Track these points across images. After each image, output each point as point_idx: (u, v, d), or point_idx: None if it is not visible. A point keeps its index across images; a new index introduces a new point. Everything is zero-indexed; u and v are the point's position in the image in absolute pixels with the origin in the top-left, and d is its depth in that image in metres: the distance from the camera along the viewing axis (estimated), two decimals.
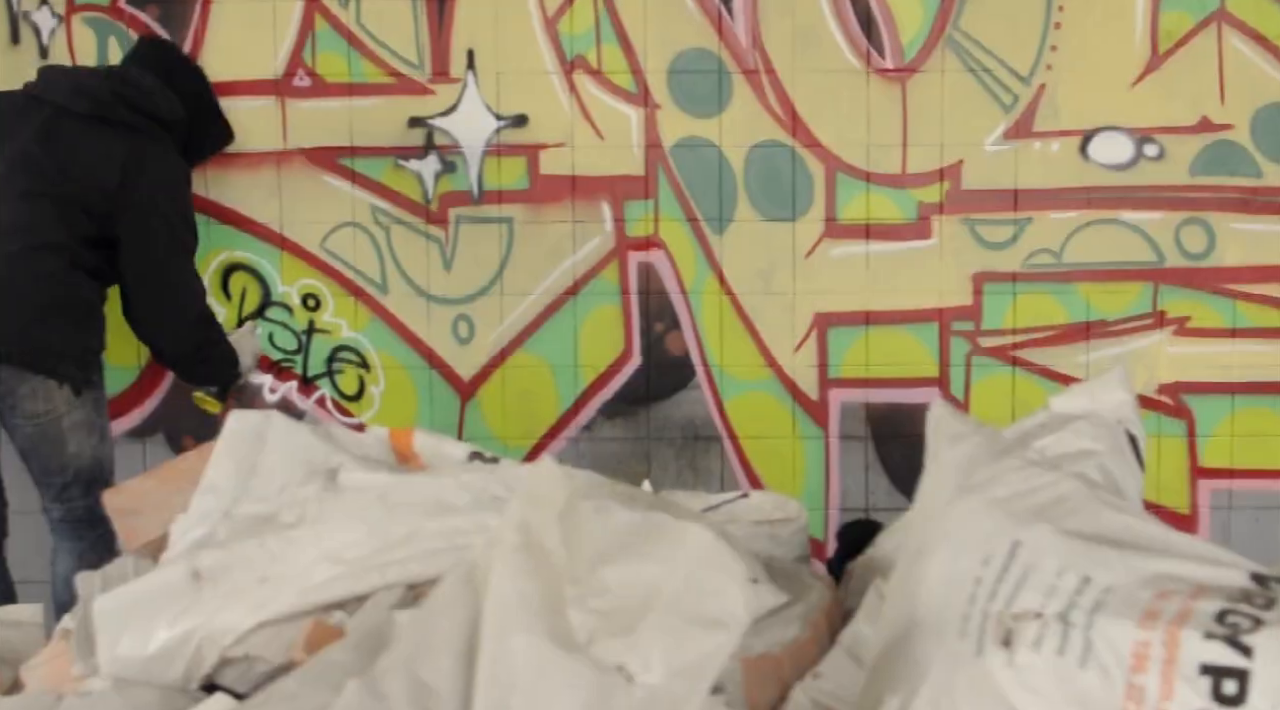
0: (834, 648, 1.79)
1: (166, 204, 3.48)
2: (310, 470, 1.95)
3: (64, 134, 3.42)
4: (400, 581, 1.79)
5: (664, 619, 1.39)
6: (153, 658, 1.83)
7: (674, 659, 1.36)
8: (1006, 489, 1.50)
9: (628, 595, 1.40)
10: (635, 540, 1.44)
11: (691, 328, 3.94)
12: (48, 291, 3.38)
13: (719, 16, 3.85)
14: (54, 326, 3.39)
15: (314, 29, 3.89)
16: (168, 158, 3.52)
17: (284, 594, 1.80)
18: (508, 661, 1.32)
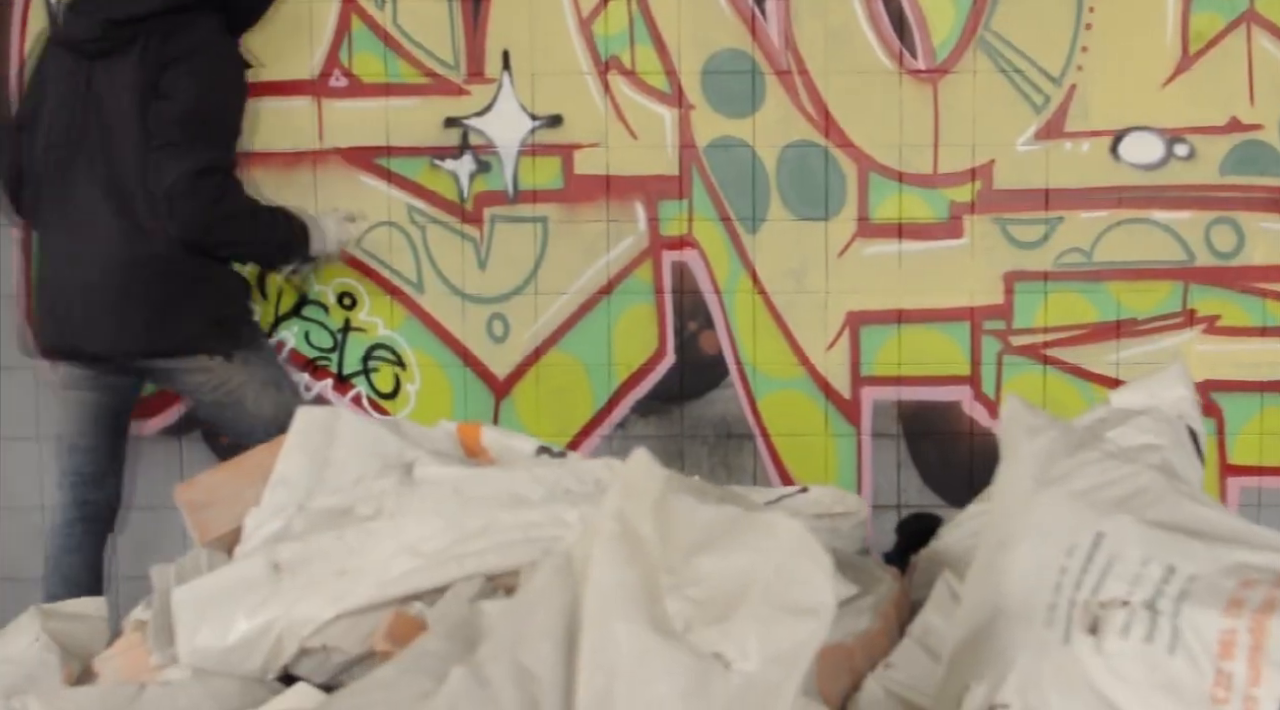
0: (904, 638, 1.83)
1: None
2: (384, 464, 1.98)
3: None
4: (478, 573, 1.82)
5: (757, 607, 1.42)
6: (232, 648, 1.86)
7: (769, 646, 1.39)
8: (1086, 481, 1.53)
9: (721, 584, 1.43)
10: (726, 531, 1.47)
11: (724, 326, 3.97)
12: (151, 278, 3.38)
13: (752, 18, 3.88)
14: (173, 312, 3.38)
15: (350, 30, 3.92)
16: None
17: (363, 586, 1.83)
18: (610, 648, 1.35)
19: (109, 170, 3.35)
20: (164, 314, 3.36)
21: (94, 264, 3.37)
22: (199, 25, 3.35)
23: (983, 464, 3.93)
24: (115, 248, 3.34)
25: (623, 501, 1.42)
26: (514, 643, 1.39)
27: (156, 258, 3.33)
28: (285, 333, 3.99)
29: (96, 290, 3.38)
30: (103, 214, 3.35)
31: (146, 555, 4.02)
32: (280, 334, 3.99)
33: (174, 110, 3.26)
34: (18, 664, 2.25)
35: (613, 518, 1.41)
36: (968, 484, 3.94)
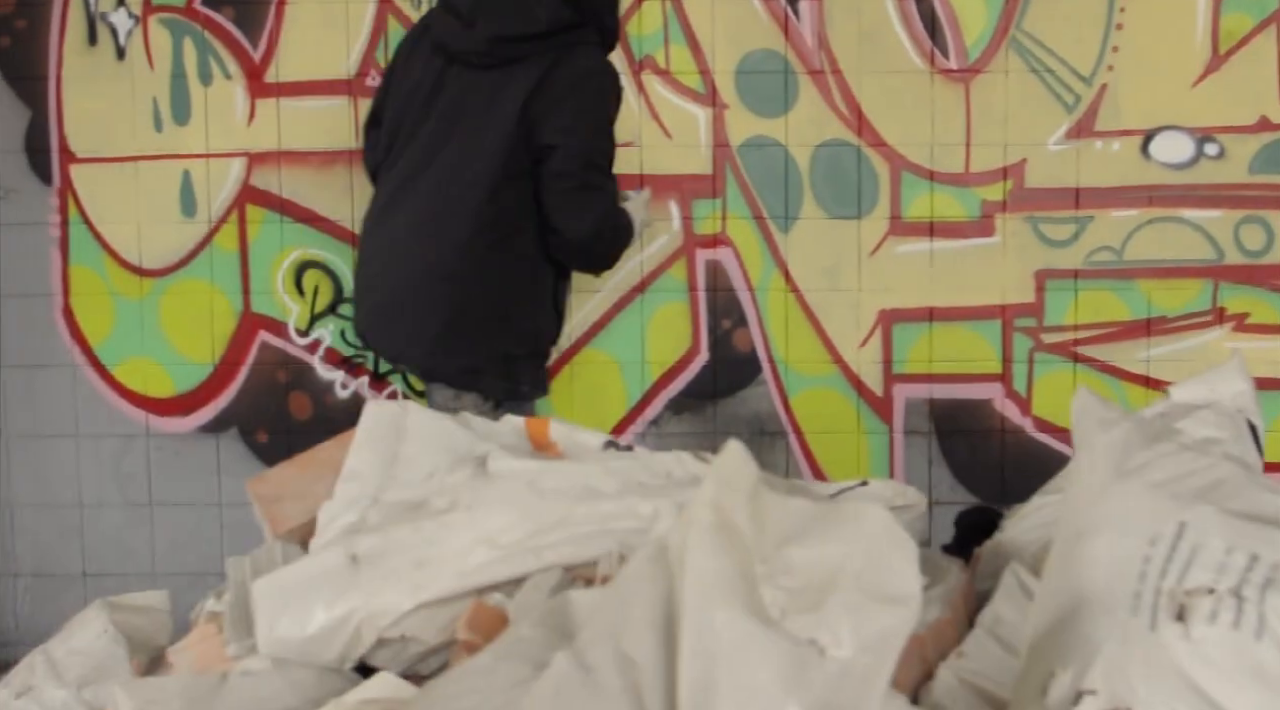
0: (974, 629, 1.85)
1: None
2: (456, 457, 2.01)
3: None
4: (555, 564, 1.85)
5: (849, 596, 1.44)
6: (311, 638, 1.89)
7: (861, 634, 1.42)
8: (1164, 473, 1.56)
9: (813, 573, 1.46)
10: (816, 521, 1.50)
11: (758, 324, 4.00)
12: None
13: (786, 18, 3.91)
14: (463, 337, 3.28)
15: (386, 30, 3.95)
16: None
17: (441, 577, 1.86)
18: (710, 635, 1.37)
19: (445, 179, 3.25)
20: (454, 336, 3.25)
21: (404, 267, 3.28)
22: (585, 50, 3.27)
23: (1014, 461, 3.98)
24: (427, 256, 3.24)
25: (718, 492, 1.45)
26: (614, 630, 1.42)
27: (466, 276, 3.22)
28: (322, 330, 4.02)
29: (399, 293, 3.29)
30: (425, 220, 3.26)
31: (186, 550, 4.07)
32: (317, 331, 4.02)
33: (567, 149, 3.20)
34: (88, 655, 2.29)
35: (708, 507, 1.44)
36: (999, 480, 3.98)
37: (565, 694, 1.37)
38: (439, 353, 3.27)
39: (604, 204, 3.26)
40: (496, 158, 3.18)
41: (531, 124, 3.17)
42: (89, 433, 4.06)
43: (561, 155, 3.17)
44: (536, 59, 3.19)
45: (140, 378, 4.05)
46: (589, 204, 3.22)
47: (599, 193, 3.25)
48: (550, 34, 3.20)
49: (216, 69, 3.97)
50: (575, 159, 3.19)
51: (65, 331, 4.04)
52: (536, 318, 3.32)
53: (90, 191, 4.01)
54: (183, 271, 4.02)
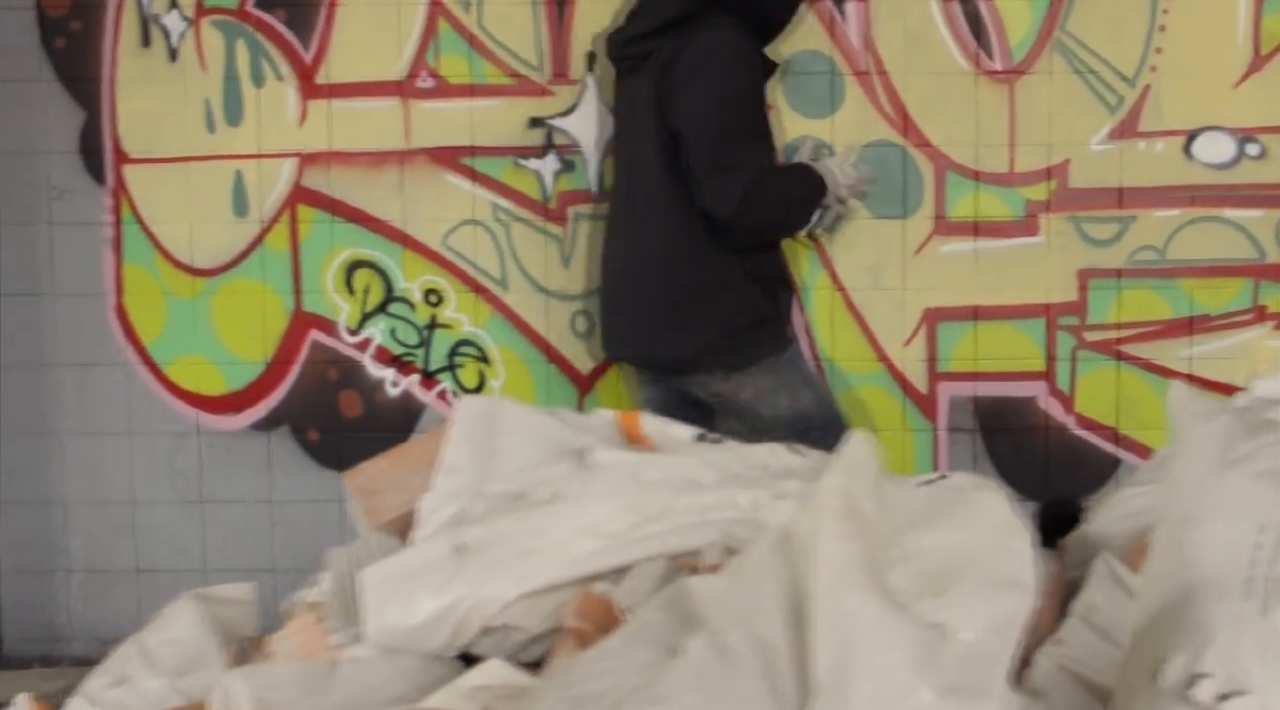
0: (1069, 617, 1.90)
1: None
2: (556, 450, 2.05)
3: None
4: (660, 553, 1.89)
5: (972, 581, 1.49)
6: (417, 627, 1.93)
7: (985, 617, 1.47)
8: (1268, 462, 1.61)
9: (937, 559, 1.51)
10: (937, 509, 1.55)
11: (803, 323, 4.04)
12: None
13: (831, 20, 3.95)
14: (677, 327, 3.40)
15: (437, 31, 3.99)
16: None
17: (547, 566, 1.90)
18: (844, 618, 1.42)
19: (634, 181, 3.43)
20: (669, 327, 3.38)
21: (619, 268, 3.50)
22: (702, 39, 3.30)
23: (1057, 458, 4.02)
24: (632, 258, 3.44)
25: (845, 480, 1.50)
26: (746, 614, 1.47)
27: (666, 269, 3.37)
28: (372, 329, 4.07)
29: (618, 294, 3.50)
30: (626, 223, 3.46)
31: (237, 547, 4.11)
32: (367, 330, 4.06)
33: (695, 133, 3.27)
34: (181, 645, 2.33)
35: (837, 495, 1.49)
36: (1043, 478, 4.03)
37: (705, 675, 1.42)
38: (664, 343, 3.41)
39: (742, 180, 3.27)
40: (655, 154, 3.31)
41: (665, 115, 3.27)
42: (141, 430, 4.10)
43: (690, 141, 3.25)
44: (663, 51, 3.29)
45: (192, 376, 4.10)
46: (726, 184, 3.26)
47: (735, 170, 3.27)
48: (673, 26, 3.28)
49: (268, 70, 4.01)
50: (703, 142, 3.25)
51: (118, 330, 4.08)
52: (737, 292, 3.40)
53: (143, 192, 4.05)
54: (234, 271, 4.06)
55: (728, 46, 3.30)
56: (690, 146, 3.25)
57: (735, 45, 3.32)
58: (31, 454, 4.11)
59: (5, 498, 4.12)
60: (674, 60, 3.27)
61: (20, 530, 4.13)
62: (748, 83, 3.34)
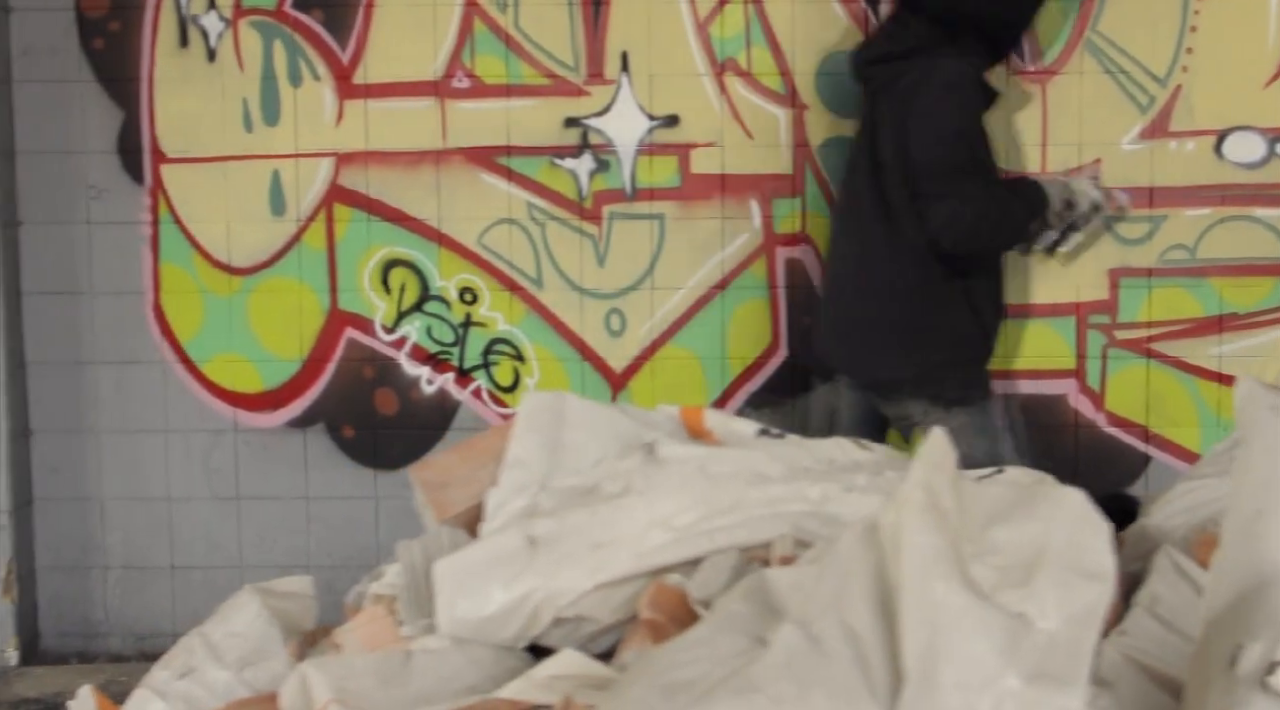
0: (1133, 608, 1.93)
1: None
2: (624, 444, 2.08)
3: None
4: (730, 546, 1.92)
5: (1052, 572, 1.52)
6: (489, 618, 1.96)
7: (1066, 608, 1.50)
8: None
9: (1017, 551, 1.53)
10: (1015, 503, 1.58)
11: None
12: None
13: (865, 20, 3.98)
14: (888, 352, 3.44)
15: (473, 32, 4.02)
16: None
17: (618, 558, 1.93)
18: (931, 607, 1.45)
19: (863, 197, 3.45)
20: (879, 351, 3.43)
21: (838, 283, 3.56)
22: (941, 69, 3.35)
23: (1087, 455, 4.05)
24: (851, 277, 3.50)
25: (927, 475, 1.53)
26: (834, 603, 1.49)
27: (886, 290, 3.41)
28: (408, 327, 4.10)
29: (836, 311, 3.56)
30: (849, 242, 3.52)
31: (272, 544, 4.14)
32: (403, 328, 4.10)
33: (918, 156, 3.31)
34: (245, 638, 2.36)
35: (920, 489, 1.51)
36: (1072, 475, 4.02)
37: (797, 663, 1.45)
38: (873, 365, 3.46)
39: (950, 210, 3.29)
40: (880, 177, 3.37)
41: (898, 139, 3.33)
42: (178, 428, 4.13)
43: (917, 167, 3.30)
44: (907, 78, 3.35)
45: (229, 374, 4.13)
46: (936, 214, 3.29)
47: (945, 200, 3.29)
48: (910, 53, 3.35)
49: (305, 71, 4.04)
50: (928, 170, 3.30)
51: (155, 328, 4.12)
52: (953, 325, 3.43)
53: (181, 191, 4.08)
54: (271, 269, 4.09)
55: (964, 78, 3.37)
56: (916, 173, 3.30)
57: (969, 76, 3.39)
58: (69, 451, 4.15)
59: (43, 495, 4.15)
60: (914, 88, 3.33)
61: (58, 527, 4.16)
62: (975, 114, 3.39)
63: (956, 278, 3.41)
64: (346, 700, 1.85)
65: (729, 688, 1.46)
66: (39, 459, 4.14)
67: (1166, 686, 1.84)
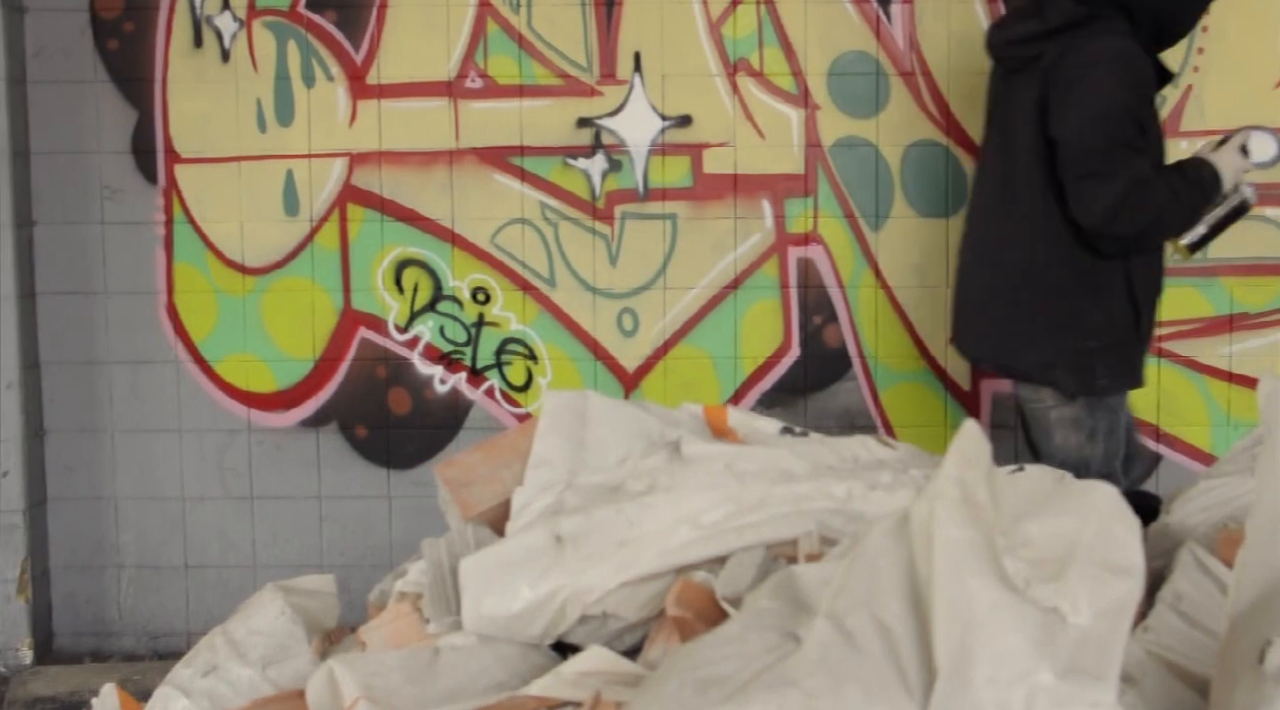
0: (1156, 605, 1.94)
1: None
2: (649, 443, 2.10)
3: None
4: (756, 543, 1.93)
5: (1084, 567, 1.53)
6: (516, 615, 1.97)
7: (1098, 602, 1.51)
8: None
9: (1050, 545, 1.54)
10: (1047, 497, 1.59)
11: (848, 320, 4.08)
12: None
13: (877, 21, 4.00)
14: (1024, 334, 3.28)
15: (486, 32, 4.04)
16: None
17: (644, 555, 1.94)
18: (964, 601, 1.46)
19: (1004, 182, 3.32)
20: (1025, 333, 3.27)
21: (977, 272, 3.41)
22: (1090, 46, 3.17)
23: None
24: (993, 259, 3.34)
25: (960, 469, 1.54)
26: (867, 598, 1.50)
27: (1028, 275, 3.25)
28: (421, 327, 4.11)
29: (974, 295, 3.41)
30: (990, 225, 3.36)
31: (286, 543, 4.15)
32: (416, 328, 4.11)
33: (1070, 142, 3.15)
34: (269, 635, 2.37)
35: (953, 483, 1.52)
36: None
37: (831, 657, 1.46)
38: (1012, 350, 3.32)
39: (1112, 191, 3.12)
40: (1029, 158, 3.22)
41: (1044, 121, 3.19)
42: (192, 427, 4.15)
43: (1064, 149, 3.16)
44: (1048, 56, 3.20)
45: (242, 373, 4.14)
46: (1094, 194, 3.14)
47: (1105, 180, 3.13)
48: (1060, 30, 3.19)
49: (319, 71, 4.05)
50: (1076, 151, 3.14)
51: (169, 328, 4.13)
52: (1108, 309, 3.25)
53: (194, 191, 4.10)
54: (285, 269, 4.11)
55: (1114, 56, 3.17)
56: (1064, 154, 3.16)
57: (1122, 54, 3.18)
58: (83, 451, 4.16)
59: (57, 494, 4.16)
60: (1058, 67, 3.16)
61: (72, 526, 4.17)
62: (1131, 95, 3.17)
63: (1111, 258, 3.24)
64: (375, 697, 1.86)
65: (763, 682, 1.47)
66: (53, 458, 4.15)
67: (1191, 683, 1.85)
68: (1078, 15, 3.18)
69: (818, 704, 1.42)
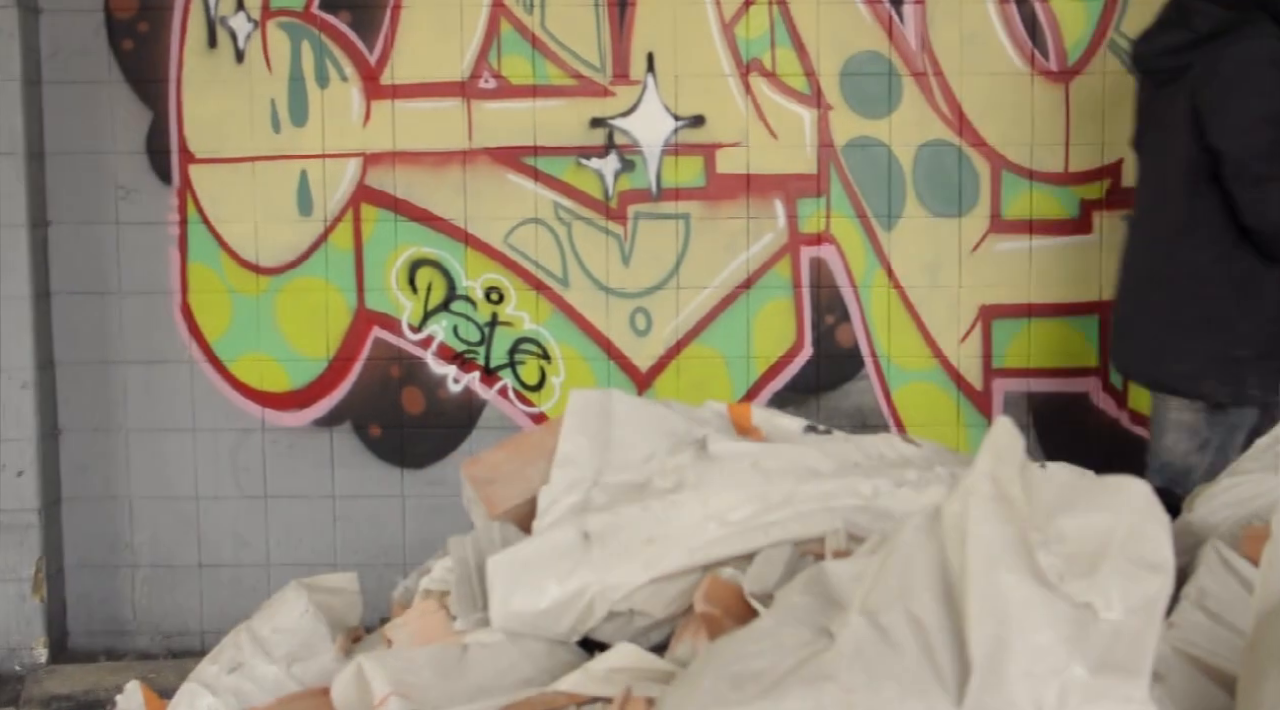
0: (1181, 601, 1.95)
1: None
2: (674, 441, 2.11)
3: None
4: (783, 540, 1.94)
5: (1117, 562, 1.54)
6: (544, 612, 1.98)
7: (1130, 598, 1.52)
8: None
9: (1083, 541, 1.55)
10: (1080, 493, 1.60)
11: (860, 320, 4.09)
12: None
13: (889, 21, 4.01)
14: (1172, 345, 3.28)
15: (499, 33, 4.05)
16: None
17: (672, 553, 1.95)
18: (998, 596, 1.47)
19: (1159, 196, 3.32)
20: (1173, 343, 3.26)
21: (1131, 283, 3.41)
22: (1239, 50, 3.13)
23: (1110, 453, 4.07)
24: (1145, 269, 3.34)
25: (993, 464, 1.55)
26: (900, 594, 1.51)
27: (1178, 285, 3.24)
28: (434, 326, 4.12)
29: (1126, 307, 3.41)
30: (1144, 234, 3.37)
31: (299, 542, 4.16)
32: (429, 328, 4.12)
33: (1234, 150, 3.13)
34: (293, 633, 2.38)
35: (986, 479, 1.54)
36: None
37: (867, 653, 1.47)
38: (1160, 361, 3.30)
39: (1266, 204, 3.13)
40: (1182, 167, 3.20)
41: (1201, 129, 3.16)
42: (206, 427, 4.16)
43: (1227, 158, 3.14)
44: (1198, 66, 3.17)
45: (256, 373, 4.15)
46: (1268, 199, 3.12)
47: (1277, 183, 3.12)
48: (1209, 38, 3.17)
49: (333, 71, 4.07)
50: (1240, 158, 3.12)
51: (183, 328, 4.14)
52: (1259, 317, 3.21)
53: (209, 191, 4.11)
54: (299, 269, 4.12)
55: (1268, 59, 3.13)
56: (1229, 163, 3.12)
57: (1275, 57, 3.13)
58: (98, 450, 4.17)
59: (71, 493, 4.17)
60: (1210, 75, 3.14)
61: (86, 526, 4.18)
62: None
63: (1271, 271, 3.20)
64: (405, 692, 1.87)
65: (799, 677, 1.48)
66: (67, 458, 4.16)
67: (1218, 679, 1.86)
68: (1226, 21, 3.14)
69: (854, 699, 1.43)
